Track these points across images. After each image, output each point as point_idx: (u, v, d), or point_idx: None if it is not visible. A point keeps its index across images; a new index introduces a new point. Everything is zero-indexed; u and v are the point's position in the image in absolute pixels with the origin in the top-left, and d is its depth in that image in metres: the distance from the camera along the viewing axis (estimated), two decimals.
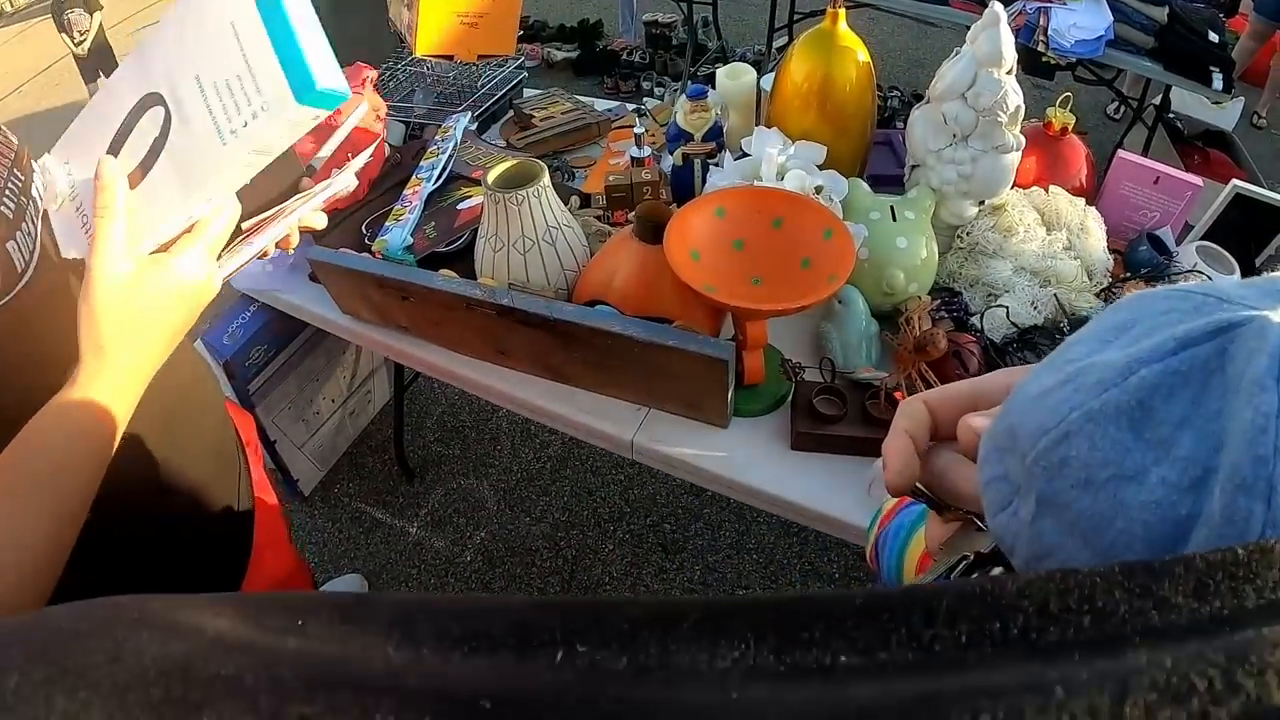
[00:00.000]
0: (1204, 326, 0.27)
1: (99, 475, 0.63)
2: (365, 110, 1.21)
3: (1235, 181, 1.45)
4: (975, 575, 0.39)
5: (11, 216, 0.65)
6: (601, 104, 1.80)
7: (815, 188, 1.21)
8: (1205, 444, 0.26)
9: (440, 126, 1.65)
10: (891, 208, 1.26)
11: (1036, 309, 1.30)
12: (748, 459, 1.15)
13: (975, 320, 1.29)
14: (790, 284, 1.09)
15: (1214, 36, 2.28)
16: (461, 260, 1.38)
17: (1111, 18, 2.30)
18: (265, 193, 0.80)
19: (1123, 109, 2.85)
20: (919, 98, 1.50)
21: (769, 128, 1.33)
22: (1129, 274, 1.38)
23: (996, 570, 0.40)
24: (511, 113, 1.78)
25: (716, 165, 1.36)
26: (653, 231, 1.13)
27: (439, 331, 1.34)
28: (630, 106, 1.80)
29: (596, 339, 1.11)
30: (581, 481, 2.14)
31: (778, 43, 3.57)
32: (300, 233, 0.86)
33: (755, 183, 1.23)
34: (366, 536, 2.06)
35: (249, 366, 1.68)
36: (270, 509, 1.09)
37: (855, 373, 1.20)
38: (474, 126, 1.69)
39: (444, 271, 1.28)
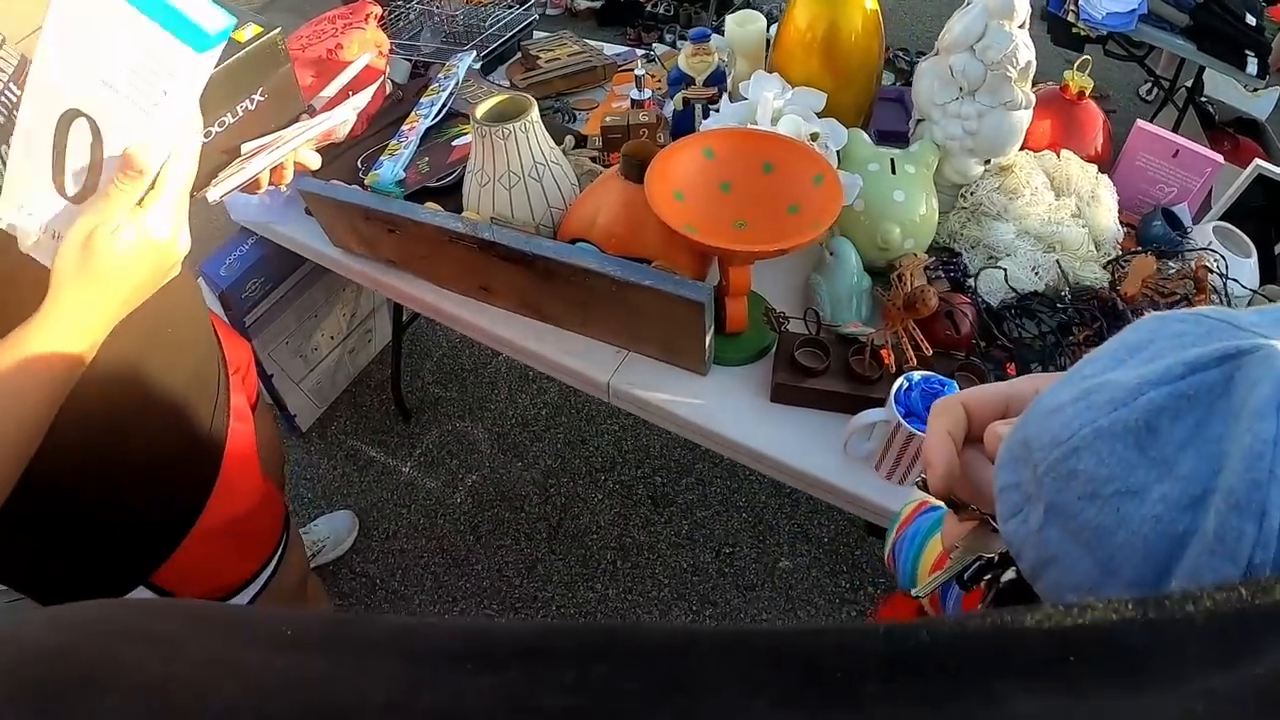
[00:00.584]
0: (1213, 353, 0.28)
1: (46, 410, 0.64)
2: (372, 55, 1.21)
3: (1258, 162, 1.40)
4: (987, 577, 0.41)
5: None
6: (611, 48, 1.77)
7: (811, 134, 1.18)
8: (1205, 465, 0.27)
9: (445, 65, 1.63)
10: (892, 160, 1.23)
11: (1038, 274, 1.26)
12: (725, 408, 1.14)
13: (972, 282, 1.26)
14: (775, 229, 1.06)
15: (1251, 20, 2.19)
16: (451, 196, 1.36)
17: None
18: (270, 120, 0.86)
19: (1156, 90, 2.76)
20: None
21: (770, 73, 1.30)
22: (1140, 248, 1.34)
23: (1009, 574, 0.41)
24: (520, 54, 1.75)
25: (716, 110, 1.33)
26: (638, 170, 1.10)
27: (425, 266, 1.33)
28: (639, 52, 1.76)
29: (575, 277, 1.10)
30: (576, 429, 2.14)
31: None
32: (295, 169, 0.89)
33: (749, 126, 1.20)
34: (360, 474, 2.07)
35: (245, 299, 1.68)
36: (244, 436, 1.09)
37: (842, 327, 1.17)
38: (478, 66, 1.66)
39: (429, 205, 1.27)
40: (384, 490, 2.04)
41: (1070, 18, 2.26)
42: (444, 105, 1.53)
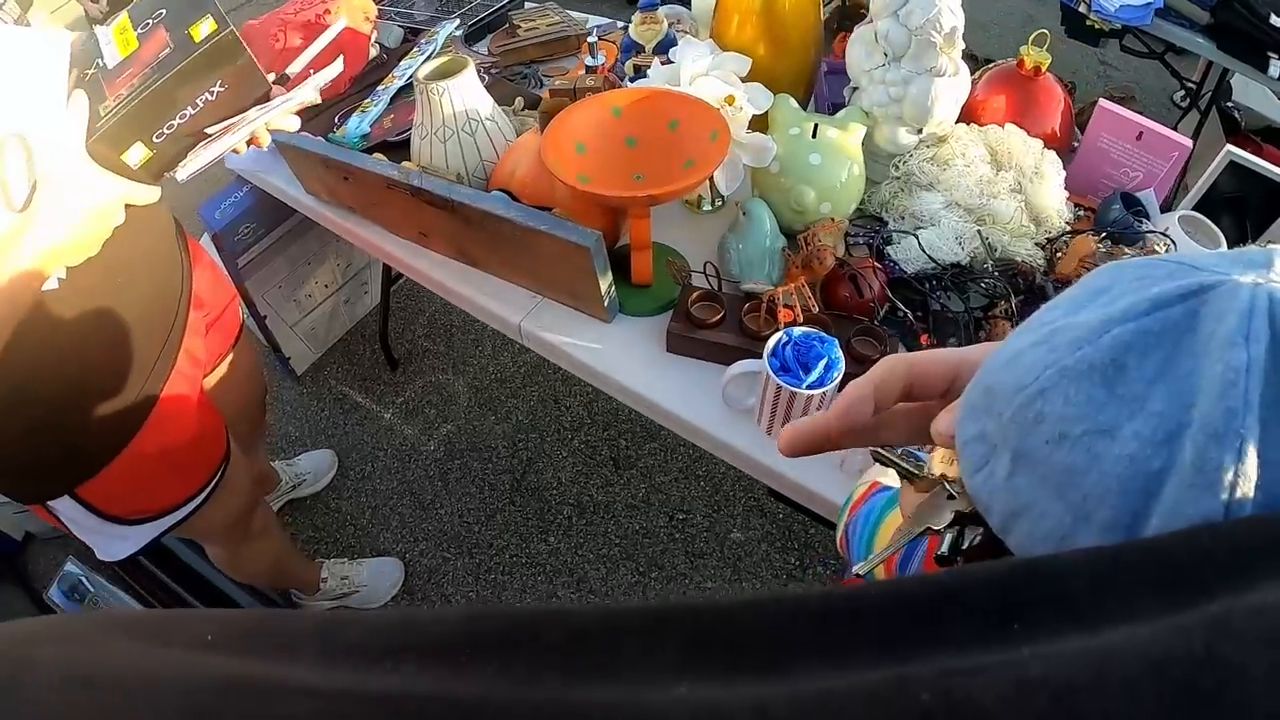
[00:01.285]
0: (1176, 289, 0.28)
1: None
2: (345, 21, 1.28)
3: (1230, 147, 1.36)
4: (964, 548, 0.40)
5: None
6: (596, 20, 1.82)
7: (727, 98, 1.22)
8: (1177, 400, 0.27)
9: (429, 31, 1.71)
10: (815, 126, 1.25)
11: (960, 245, 1.27)
12: (621, 354, 1.19)
13: (890, 250, 1.27)
14: (667, 181, 1.10)
15: (1277, 21, 2.08)
16: (406, 150, 1.44)
17: None
18: (232, 105, 0.93)
19: (1188, 97, 2.65)
20: (974, 58, 1.43)
21: (702, 40, 1.33)
22: (1091, 229, 1.31)
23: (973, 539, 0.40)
24: (506, 24, 1.82)
25: None
26: None
27: (377, 212, 1.41)
28: (620, 24, 1.81)
29: (488, 222, 1.16)
30: (550, 389, 2.20)
31: None
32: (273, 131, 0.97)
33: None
34: (345, 417, 2.18)
35: (238, 241, 1.79)
36: (189, 378, 1.17)
37: (743, 283, 1.21)
38: (460, 34, 1.74)
39: (375, 155, 1.35)
40: (365, 434, 2.15)
41: (1082, 8, 2.19)
42: (418, 69, 1.60)
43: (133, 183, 0.85)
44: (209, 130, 0.93)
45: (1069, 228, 1.30)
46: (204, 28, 0.91)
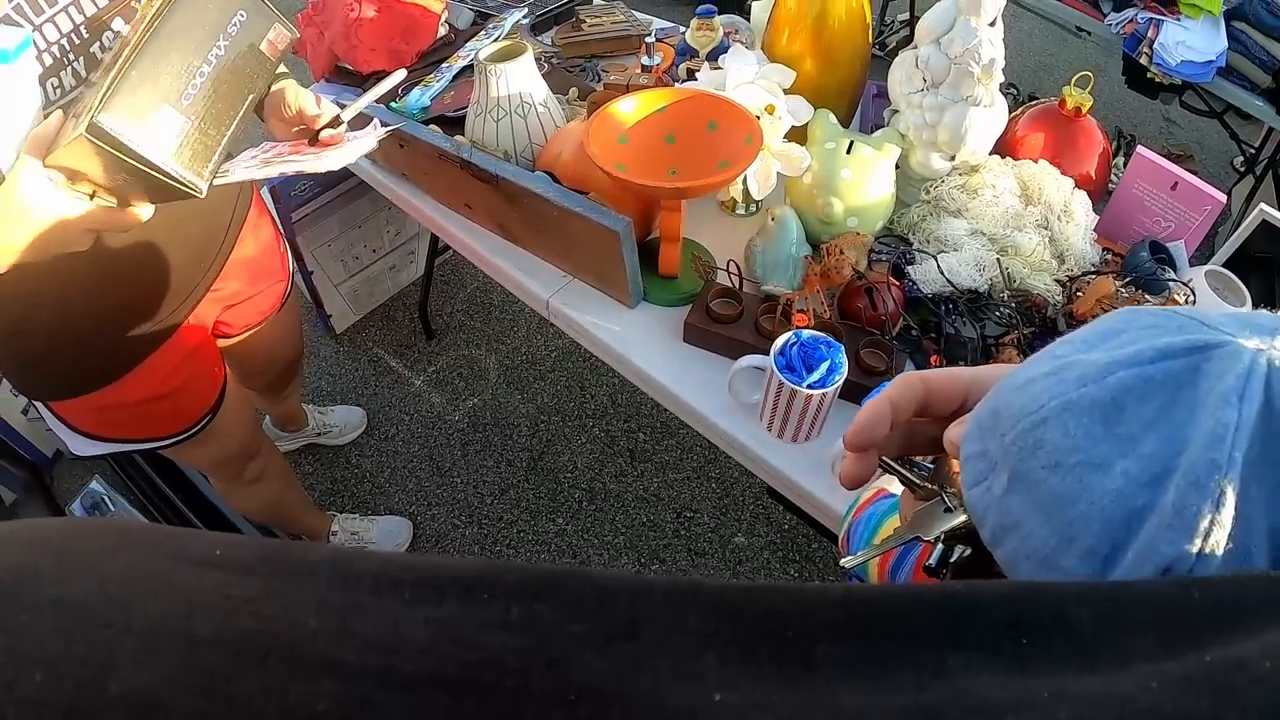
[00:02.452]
0: (1183, 343, 0.30)
1: None
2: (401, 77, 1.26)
3: (1263, 207, 1.37)
4: (951, 561, 0.41)
5: (40, 71, 0.82)
6: (660, 23, 1.88)
7: (767, 107, 1.27)
8: (1168, 446, 0.29)
9: (498, 18, 1.79)
10: (851, 143, 1.29)
11: (980, 272, 1.30)
12: (640, 338, 1.24)
13: (910, 270, 1.31)
14: (698, 178, 1.16)
15: None
16: (461, 126, 1.51)
17: (1226, 45, 2.10)
18: (237, 92, 0.84)
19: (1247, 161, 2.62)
20: (1034, 98, 1.46)
21: (752, 49, 1.38)
22: (1115, 273, 1.33)
23: (960, 554, 0.41)
24: (573, 18, 1.89)
25: None
26: None
27: (427, 181, 1.49)
28: (681, 29, 1.87)
29: (528, 200, 1.22)
30: (578, 375, 2.26)
31: None
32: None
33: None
34: (378, 379, 2.26)
35: (294, 196, 1.88)
36: (194, 339, 1.23)
37: (764, 285, 1.25)
38: (527, 21, 1.81)
39: (431, 126, 1.43)
40: (394, 396, 2.23)
41: (1144, 60, 2.19)
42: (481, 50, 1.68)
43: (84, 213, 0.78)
44: (262, 150, 0.96)
45: (1092, 268, 1.33)
46: None
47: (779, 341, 1.07)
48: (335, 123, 1.06)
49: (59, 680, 0.18)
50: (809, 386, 1.03)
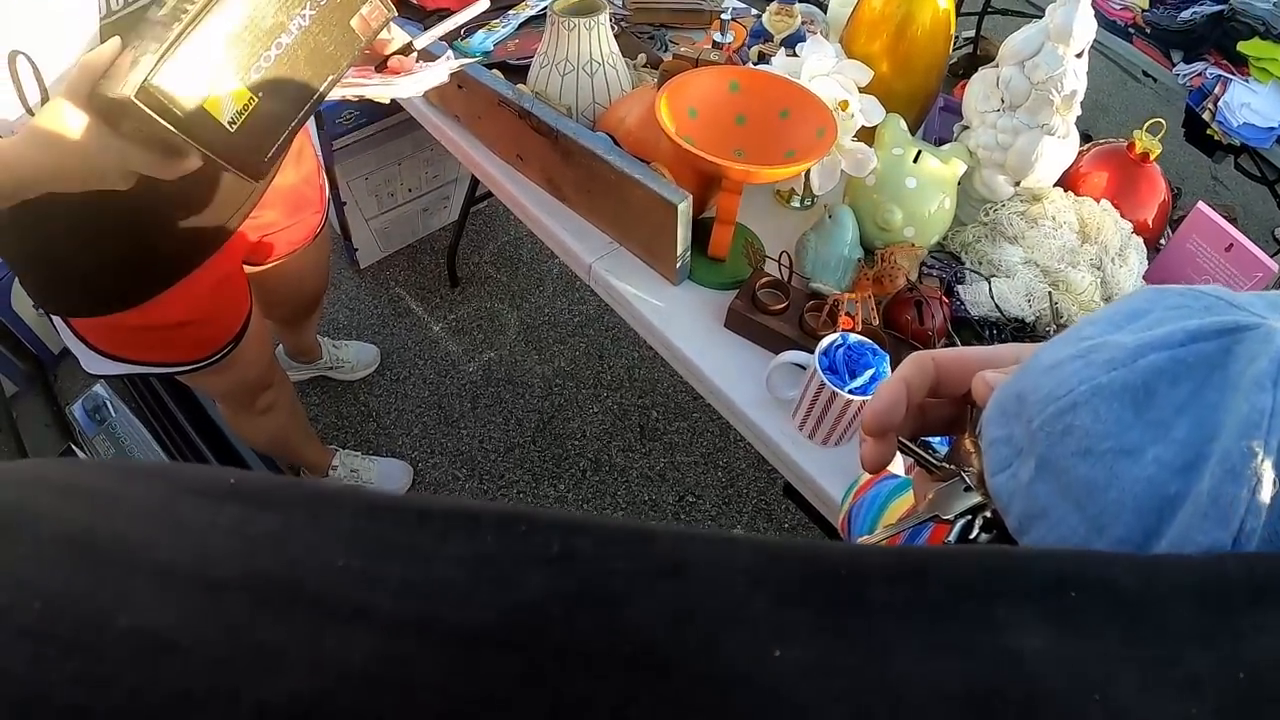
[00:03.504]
0: (1214, 325, 0.29)
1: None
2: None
3: None
4: (956, 530, 0.40)
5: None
6: (734, 2, 1.85)
7: (841, 103, 1.24)
8: (1200, 432, 0.28)
9: None
10: (919, 152, 1.27)
11: (1029, 302, 1.28)
12: (682, 318, 1.22)
13: (961, 290, 1.29)
14: (765, 164, 1.13)
15: None
16: (522, 75, 1.48)
17: None
18: (316, 71, 0.78)
19: None
20: (1087, 137, 1.44)
21: (830, 42, 1.36)
22: None
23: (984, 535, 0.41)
24: None
25: None
26: None
27: (481, 126, 1.46)
28: (754, 12, 1.84)
29: (586, 159, 1.20)
30: (598, 344, 2.25)
31: None
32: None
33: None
34: (396, 320, 2.25)
35: (338, 124, 1.85)
36: (224, 269, 1.21)
37: (812, 282, 1.23)
38: None
39: (494, 71, 1.40)
40: (410, 339, 2.21)
41: (1206, 115, 2.16)
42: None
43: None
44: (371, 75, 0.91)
45: None
46: None
47: (825, 342, 1.05)
48: (406, 50, 1.03)
49: (59, 613, 0.16)
50: (850, 392, 1.02)
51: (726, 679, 0.17)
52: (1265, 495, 0.27)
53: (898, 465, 0.74)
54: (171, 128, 0.66)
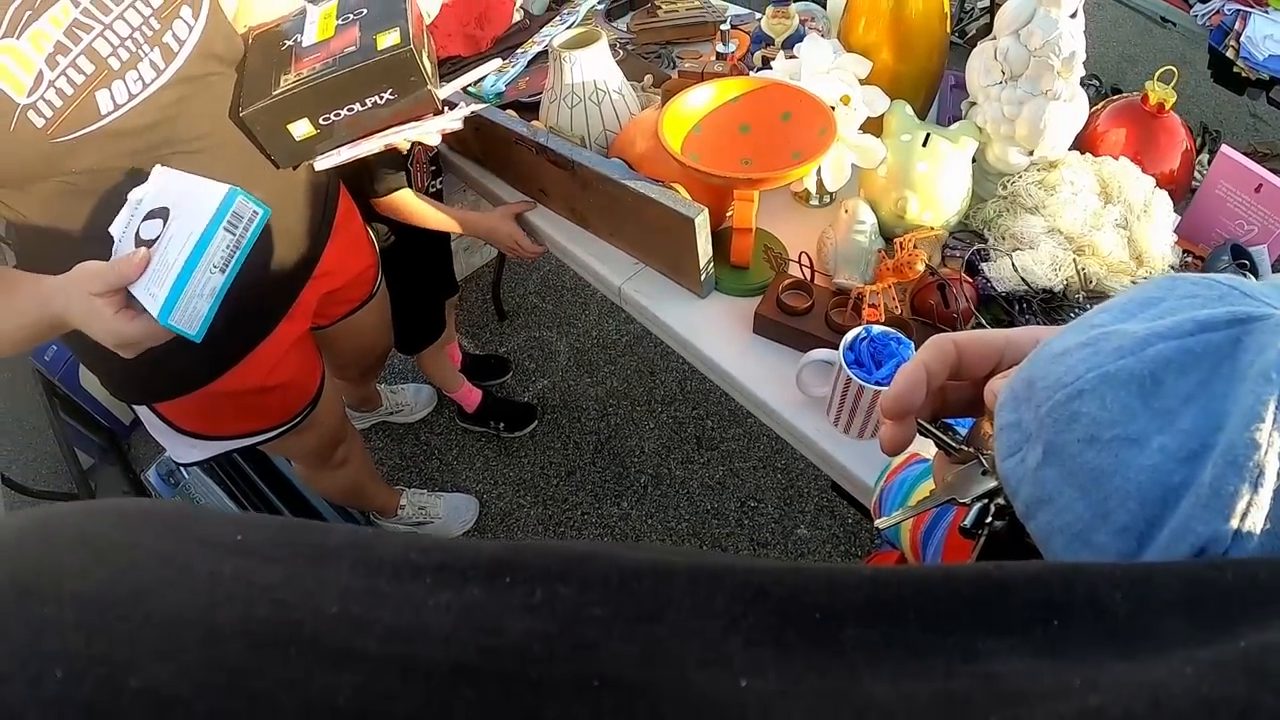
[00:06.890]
0: (1224, 315, 0.29)
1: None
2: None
3: None
4: (987, 521, 0.40)
5: (118, 67, 0.90)
6: (735, 10, 1.88)
7: (843, 97, 1.26)
8: (1206, 422, 0.28)
9: (572, 3, 1.81)
10: (928, 135, 1.28)
11: (1055, 271, 1.27)
12: (711, 329, 1.25)
13: (984, 267, 1.29)
14: (771, 169, 1.16)
15: None
16: (536, 111, 1.54)
17: None
18: (397, 115, 1.12)
19: None
20: (1117, 91, 1.43)
21: (827, 39, 1.38)
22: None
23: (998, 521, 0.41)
24: (649, 3, 1.90)
25: None
26: None
27: (500, 165, 1.52)
28: (757, 16, 1.86)
29: (603, 186, 1.24)
30: (648, 361, 2.29)
31: None
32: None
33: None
34: None
35: None
36: (293, 335, 1.28)
37: (836, 278, 1.25)
38: (602, 7, 1.83)
39: (508, 111, 1.46)
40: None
41: (1230, 53, 2.10)
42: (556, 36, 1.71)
43: None
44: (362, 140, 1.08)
45: (1171, 270, 1.30)
46: (389, 38, 1.04)
47: (848, 336, 1.07)
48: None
49: (79, 678, 0.17)
50: (876, 383, 1.03)
51: (695, 704, 0.18)
52: (1267, 489, 0.27)
53: (930, 449, 0.76)
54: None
